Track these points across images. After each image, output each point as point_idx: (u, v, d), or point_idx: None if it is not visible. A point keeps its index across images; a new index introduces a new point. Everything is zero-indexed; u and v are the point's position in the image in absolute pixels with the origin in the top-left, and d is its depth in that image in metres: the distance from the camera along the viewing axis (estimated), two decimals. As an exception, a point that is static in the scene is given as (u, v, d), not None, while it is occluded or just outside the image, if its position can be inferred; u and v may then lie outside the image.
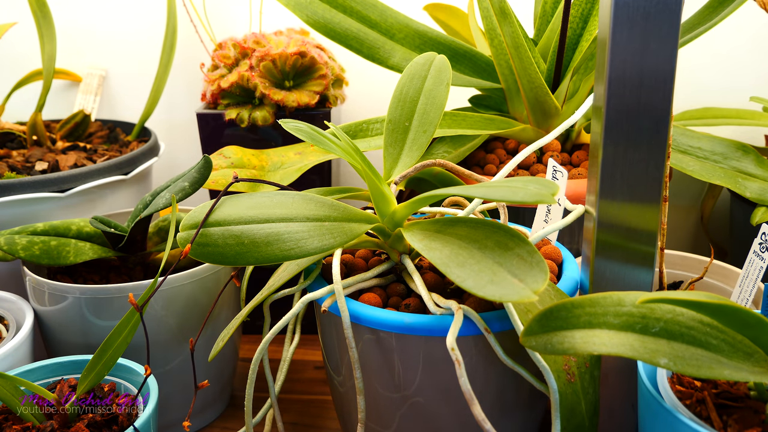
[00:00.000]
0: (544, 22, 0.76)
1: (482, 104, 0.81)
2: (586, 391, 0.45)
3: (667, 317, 0.37)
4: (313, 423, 0.67)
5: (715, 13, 0.72)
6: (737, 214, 0.77)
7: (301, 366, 0.77)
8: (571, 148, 0.76)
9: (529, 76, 0.68)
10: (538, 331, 0.37)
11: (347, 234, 0.46)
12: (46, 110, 0.96)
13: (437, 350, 0.45)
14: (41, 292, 0.60)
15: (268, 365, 0.53)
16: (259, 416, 0.56)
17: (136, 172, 0.81)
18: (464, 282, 0.37)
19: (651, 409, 0.39)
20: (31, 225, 0.63)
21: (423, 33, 0.75)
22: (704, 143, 0.71)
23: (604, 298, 0.38)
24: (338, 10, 0.73)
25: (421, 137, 0.52)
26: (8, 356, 0.56)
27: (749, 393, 0.40)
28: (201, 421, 0.67)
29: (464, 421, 0.47)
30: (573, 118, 0.54)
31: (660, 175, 0.43)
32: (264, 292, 0.52)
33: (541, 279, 0.36)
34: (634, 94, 0.41)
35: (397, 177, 0.51)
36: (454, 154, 0.70)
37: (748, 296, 0.52)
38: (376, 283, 0.50)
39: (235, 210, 0.47)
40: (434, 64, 0.56)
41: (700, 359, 0.35)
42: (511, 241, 0.40)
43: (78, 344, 0.60)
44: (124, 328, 0.49)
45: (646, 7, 0.39)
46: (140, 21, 1.03)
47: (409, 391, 0.47)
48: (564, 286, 0.49)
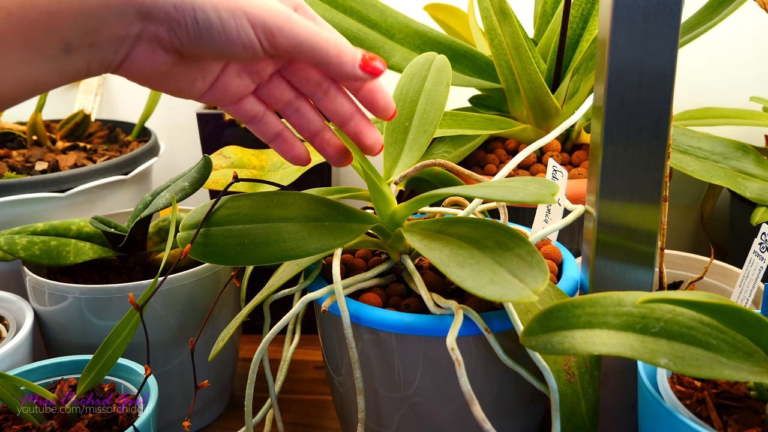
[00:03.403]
0: (544, 22, 0.76)
1: (482, 104, 0.81)
2: (586, 391, 0.45)
3: (667, 317, 0.37)
4: (313, 423, 0.67)
5: (715, 13, 0.72)
6: (737, 214, 0.77)
7: (301, 366, 0.77)
8: (571, 148, 0.76)
9: (529, 76, 0.68)
10: (538, 331, 0.37)
11: (347, 234, 0.46)
12: (46, 110, 0.96)
13: (437, 350, 0.45)
14: (41, 292, 0.60)
15: (268, 365, 0.53)
16: (259, 416, 0.56)
17: (136, 172, 0.81)
18: (464, 282, 0.37)
19: (651, 409, 0.39)
20: (31, 225, 0.63)
21: (423, 33, 0.75)
22: (704, 143, 0.71)
23: (604, 298, 0.38)
24: (338, 10, 0.73)
25: (421, 137, 0.52)
26: (8, 356, 0.56)
27: (749, 393, 0.40)
28: (201, 421, 0.67)
29: (464, 421, 0.47)
30: (573, 118, 0.54)
31: (660, 175, 0.43)
32: (264, 292, 0.52)
33: (541, 279, 0.36)
34: (634, 94, 0.41)
35: (397, 177, 0.51)
36: (454, 154, 0.70)
37: (748, 296, 0.52)
38: (376, 283, 0.50)
39: (235, 210, 0.47)
40: (434, 64, 0.56)
41: (700, 359, 0.35)
42: (511, 241, 0.40)
43: (78, 344, 0.60)
44: (124, 328, 0.49)
45: (646, 7, 0.39)
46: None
47: (409, 391, 0.47)
48: (564, 286, 0.49)
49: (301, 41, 0.38)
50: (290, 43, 0.38)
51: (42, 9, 0.33)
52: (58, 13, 0.33)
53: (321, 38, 0.39)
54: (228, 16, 0.36)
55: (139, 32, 0.36)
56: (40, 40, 0.33)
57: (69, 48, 0.34)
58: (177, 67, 0.39)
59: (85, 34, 0.34)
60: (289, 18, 0.38)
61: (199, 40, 0.36)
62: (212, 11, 0.36)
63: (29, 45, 0.33)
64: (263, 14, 0.37)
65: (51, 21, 0.33)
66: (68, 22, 0.34)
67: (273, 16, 0.37)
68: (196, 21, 0.36)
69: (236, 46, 0.37)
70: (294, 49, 0.38)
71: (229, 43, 0.37)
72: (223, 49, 0.37)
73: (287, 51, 0.38)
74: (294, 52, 0.39)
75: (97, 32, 0.35)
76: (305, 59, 0.39)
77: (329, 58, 0.39)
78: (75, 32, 0.34)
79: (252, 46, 0.38)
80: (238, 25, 0.37)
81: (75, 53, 0.35)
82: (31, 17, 0.33)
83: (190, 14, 0.36)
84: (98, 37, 0.35)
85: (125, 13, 0.35)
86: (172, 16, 0.35)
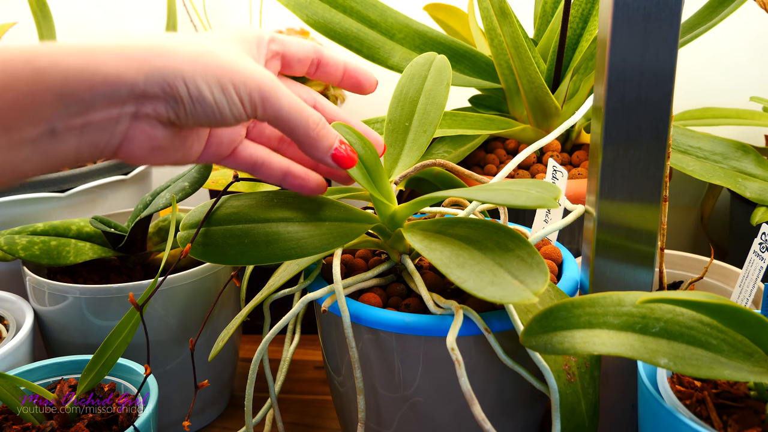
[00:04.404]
0: (544, 22, 0.76)
1: (482, 104, 0.81)
2: (586, 391, 0.45)
3: (667, 317, 0.37)
4: (313, 423, 0.67)
5: (715, 13, 0.72)
6: (737, 214, 0.77)
7: (301, 366, 0.77)
8: (571, 148, 0.76)
9: (529, 76, 0.68)
10: (538, 331, 0.37)
11: (347, 234, 0.46)
12: (46, 110, 0.96)
13: (437, 350, 0.45)
14: (41, 292, 0.60)
15: (268, 365, 0.53)
16: (259, 416, 0.56)
17: (136, 172, 0.81)
18: (464, 283, 0.37)
19: (651, 409, 0.39)
20: (31, 225, 0.63)
21: (423, 33, 0.75)
22: (704, 143, 0.71)
23: (604, 298, 0.38)
24: (338, 10, 0.73)
25: (421, 137, 0.52)
26: (8, 356, 0.56)
27: (749, 393, 0.40)
28: (201, 421, 0.67)
29: (464, 421, 0.47)
30: (573, 118, 0.54)
31: (660, 175, 0.43)
32: (264, 292, 0.52)
33: (542, 280, 0.36)
34: (634, 94, 0.41)
35: (397, 177, 0.51)
36: (454, 154, 0.70)
37: (748, 296, 0.52)
38: (376, 283, 0.50)
39: (235, 210, 0.47)
40: (434, 64, 0.56)
41: (700, 359, 0.35)
42: (511, 242, 0.40)
43: (78, 344, 0.60)
44: (124, 328, 0.49)
45: (646, 7, 0.39)
46: (140, 21, 1.03)
47: (409, 391, 0.47)
48: (564, 286, 0.49)
49: (283, 117, 0.39)
50: (273, 116, 0.38)
51: (21, 90, 0.30)
52: (39, 94, 0.31)
53: (302, 117, 0.39)
54: (218, 91, 0.36)
55: (135, 111, 0.34)
56: (19, 122, 0.31)
57: (53, 132, 0.32)
58: (177, 138, 0.38)
59: (71, 117, 0.32)
60: (273, 89, 0.38)
61: (195, 115, 0.36)
62: (203, 84, 0.35)
63: (7, 128, 0.30)
64: (247, 83, 0.37)
65: (31, 102, 0.31)
66: (51, 105, 0.31)
67: (258, 87, 0.37)
68: (189, 96, 0.35)
69: (227, 118, 0.37)
70: (276, 121, 0.39)
71: (222, 116, 0.37)
72: (215, 120, 0.37)
73: (269, 121, 0.39)
74: (274, 124, 0.39)
75: (84, 114, 0.32)
76: (284, 132, 0.40)
77: (307, 139, 0.40)
78: (59, 115, 0.32)
79: (240, 116, 0.37)
80: (228, 98, 0.36)
81: (61, 137, 0.32)
82: (8, 98, 0.30)
83: (183, 89, 0.35)
84: (87, 120, 0.33)
85: (116, 94, 0.33)
86: (167, 91, 0.34)
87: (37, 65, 0.31)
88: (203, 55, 0.36)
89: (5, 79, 0.30)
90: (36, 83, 0.30)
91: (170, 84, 0.34)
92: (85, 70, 0.32)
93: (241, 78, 0.37)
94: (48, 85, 0.31)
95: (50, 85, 0.31)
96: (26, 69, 0.30)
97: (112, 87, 0.33)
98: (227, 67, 0.36)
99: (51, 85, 0.31)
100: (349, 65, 0.47)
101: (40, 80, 0.31)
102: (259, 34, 0.42)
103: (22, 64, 0.30)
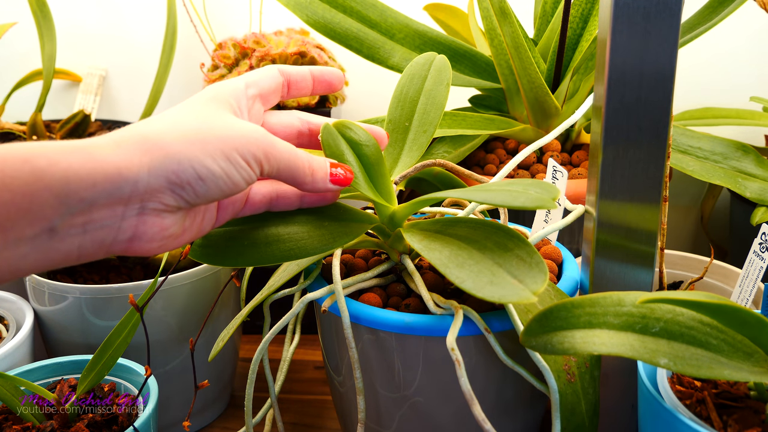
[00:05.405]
0: (544, 22, 0.76)
1: (482, 104, 0.81)
2: (586, 391, 0.45)
3: (667, 317, 0.37)
4: (313, 423, 0.67)
5: (715, 13, 0.72)
6: (737, 214, 0.77)
7: (301, 366, 0.77)
8: (571, 148, 0.76)
9: (529, 76, 0.68)
10: (538, 331, 0.37)
11: (347, 234, 0.46)
12: (46, 110, 0.96)
13: (437, 350, 0.45)
14: (41, 292, 0.60)
15: (268, 365, 0.53)
16: (259, 416, 0.56)
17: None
18: (464, 283, 0.37)
19: (651, 409, 0.39)
20: (31, 225, 0.63)
21: (423, 33, 0.75)
22: (704, 143, 0.71)
23: (604, 298, 0.38)
24: (338, 10, 0.73)
25: (421, 137, 0.52)
26: (8, 356, 0.56)
27: (749, 393, 0.40)
28: (201, 421, 0.67)
29: (464, 421, 0.47)
30: (573, 118, 0.54)
31: (660, 175, 0.43)
32: (264, 292, 0.52)
33: (541, 280, 0.36)
34: (634, 94, 0.41)
35: (397, 177, 0.51)
36: (454, 154, 0.70)
37: (748, 296, 0.52)
38: (376, 283, 0.50)
39: (235, 210, 0.47)
40: (434, 64, 0.56)
41: (700, 359, 0.35)
42: (510, 241, 0.40)
43: (78, 344, 0.60)
44: (124, 328, 0.49)
45: (646, 7, 0.39)
46: (140, 21, 1.03)
47: (409, 391, 0.47)
48: (564, 286, 0.49)
49: (283, 168, 0.39)
50: (276, 169, 0.39)
51: (18, 190, 0.29)
52: (38, 193, 0.30)
53: (299, 162, 0.40)
54: (225, 162, 0.36)
55: (141, 207, 0.34)
56: (17, 222, 0.30)
57: (53, 230, 0.31)
58: (187, 219, 0.38)
59: (72, 216, 0.31)
60: (272, 143, 0.38)
61: (206, 192, 0.36)
62: (209, 160, 0.35)
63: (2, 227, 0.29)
64: (249, 145, 0.37)
65: (29, 202, 0.30)
66: (50, 204, 0.30)
67: (258, 145, 0.37)
68: (198, 177, 0.35)
69: (239, 184, 0.37)
70: (278, 173, 0.39)
71: (234, 184, 0.37)
72: (229, 190, 0.37)
73: (271, 175, 0.39)
74: (276, 176, 0.40)
75: (86, 213, 0.32)
76: (284, 180, 0.41)
77: (305, 178, 0.41)
78: (59, 214, 0.31)
79: (250, 179, 0.38)
80: (236, 165, 0.36)
81: (61, 235, 0.31)
82: (5, 198, 0.29)
83: (191, 174, 0.34)
84: (89, 218, 0.32)
85: (119, 191, 0.32)
86: (173, 180, 0.34)
87: (35, 165, 0.30)
88: (196, 132, 0.35)
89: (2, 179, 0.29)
90: (34, 183, 0.30)
91: (175, 172, 0.34)
92: (83, 168, 0.31)
93: (241, 142, 0.37)
94: (47, 185, 0.30)
95: (49, 184, 0.30)
96: (24, 169, 0.30)
97: (114, 184, 0.32)
98: (225, 136, 0.36)
99: (50, 184, 0.30)
100: (315, 71, 0.47)
101: (39, 180, 0.30)
102: (234, 87, 0.41)
103: (20, 164, 0.30)
